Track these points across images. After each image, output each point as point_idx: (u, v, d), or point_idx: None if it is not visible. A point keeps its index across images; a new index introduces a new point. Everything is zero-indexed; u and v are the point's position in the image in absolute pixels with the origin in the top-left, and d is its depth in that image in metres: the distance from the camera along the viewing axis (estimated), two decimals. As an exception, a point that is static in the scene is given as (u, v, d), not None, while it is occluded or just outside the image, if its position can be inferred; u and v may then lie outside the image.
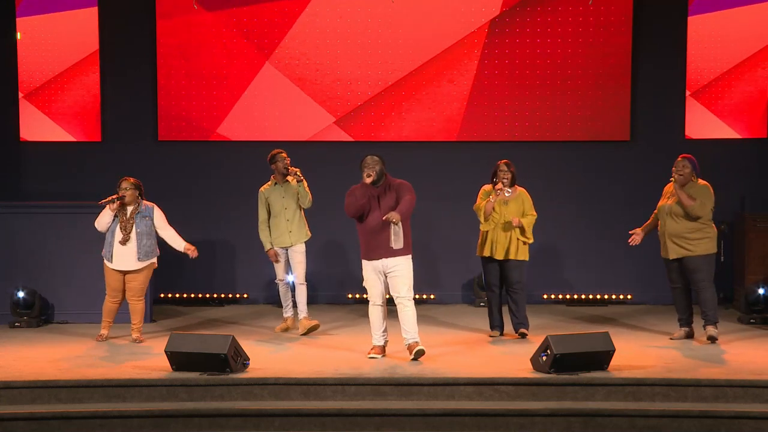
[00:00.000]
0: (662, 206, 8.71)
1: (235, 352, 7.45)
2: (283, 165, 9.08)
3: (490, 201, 8.67)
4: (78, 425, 6.99)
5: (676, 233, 8.55)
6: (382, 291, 8.00)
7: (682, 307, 8.80)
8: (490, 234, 8.76)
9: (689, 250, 8.53)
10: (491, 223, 8.73)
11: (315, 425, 7.01)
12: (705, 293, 8.59)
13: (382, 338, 8.06)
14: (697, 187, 8.57)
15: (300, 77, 11.03)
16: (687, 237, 8.52)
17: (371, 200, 7.88)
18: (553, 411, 7.01)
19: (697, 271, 8.55)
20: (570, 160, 11.06)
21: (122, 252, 8.72)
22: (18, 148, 11.23)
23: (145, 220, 8.77)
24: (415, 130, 11.08)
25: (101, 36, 11.05)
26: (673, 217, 8.56)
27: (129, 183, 8.77)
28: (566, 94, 10.99)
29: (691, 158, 8.64)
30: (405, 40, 10.98)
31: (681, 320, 8.85)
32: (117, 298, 8.88)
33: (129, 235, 8.70)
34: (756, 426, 6.89)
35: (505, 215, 8.72)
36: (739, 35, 10.90)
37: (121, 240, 8.69)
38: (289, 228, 9.12)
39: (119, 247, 8.71)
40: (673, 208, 8.57)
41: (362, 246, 8.00)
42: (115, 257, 8.73)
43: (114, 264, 8.75)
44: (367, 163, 7.89)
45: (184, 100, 11.07)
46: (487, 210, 8.69)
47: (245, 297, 11.23)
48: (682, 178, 8.55)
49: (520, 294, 8.83)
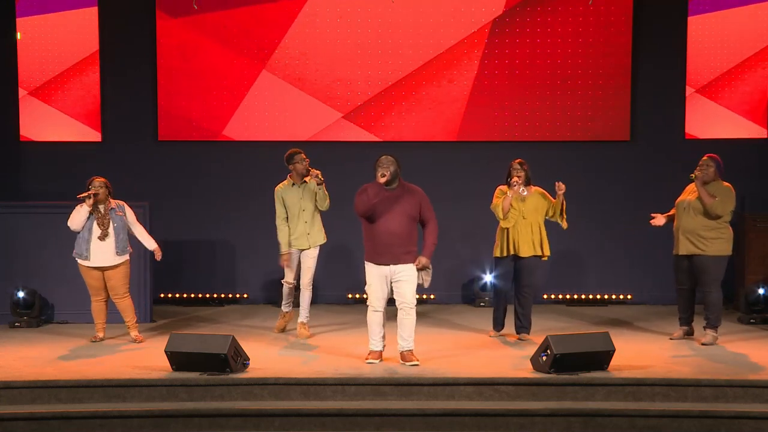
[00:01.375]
0: (681, 201, 8.63)
1: (235, 352, 7.45)
2: (303, 166, 8.88)
3: (508, 197, 8.66)
4: (78, 425, 6.99)
5: (691, 229, 8.47)
6: (384, 297, 7.81)
7: (684, 307, 8.77)
8: (511, 232, 8.74)
9: (701, 249, 8.45)
10: (510, 220, 8.72)
11: (315, 425, 7.01)
12: (711, 296, 8.52)
13: (380, 343, 7.90)
14: (719, 186, 8.50)
15: (300, 77, 11.03)
16: (701, 235, 8.44)
17: (384, 203, 7.66)
18: (553, 411, 7.01)
19: (706, 273, 8.48)
20: (570, 160, 11.06)
21: (100, 248, 8.72)
22: (18, 148, 11.23)
23: (119, 216, 8.81)
24: (415, 130, 11.08)
25: (101, 36, 11.05)
26: (691, 212, 8.48)
27: (100, 182, 8.79)
28: (566, 94, 10.99)
29: (716, 158, 8.56)
30: (405, 40, 10.98)
31: (681, 319, 8.83)
32: (100, 297, 8.87)
33: (107, 230, 8.72)
34: (756, 426, 6.89)
35: (524, 211, 8.71)
36: (739, 35, 10.90)
37: (100, 236, 8.71)
38: (307, 230, 8.96)
39: (97, 243, 8.71)
40: (692, 204, 8.48)
41: (369, 248, 7.77)
42: (93, 254, 8.73)
43: (92, 261, 8.74)
44: (381, 163, 7.67)
45: (184, 100, 11.07)
46: (505, 206, 8.67)
47: (245, 297, 11.23)
48: (704, 176, 8.49)
49: (528, 297, 8.82)
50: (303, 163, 8.91)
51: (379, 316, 7.83)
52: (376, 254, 7.72)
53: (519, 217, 8.70)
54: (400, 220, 7.66)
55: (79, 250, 8.77)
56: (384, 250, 7.67)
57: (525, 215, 8.70)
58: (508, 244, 8.74)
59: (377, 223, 7.67)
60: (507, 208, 8.68)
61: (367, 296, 7.96)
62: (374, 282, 7.77)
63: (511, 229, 8.72)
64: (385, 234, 7.65)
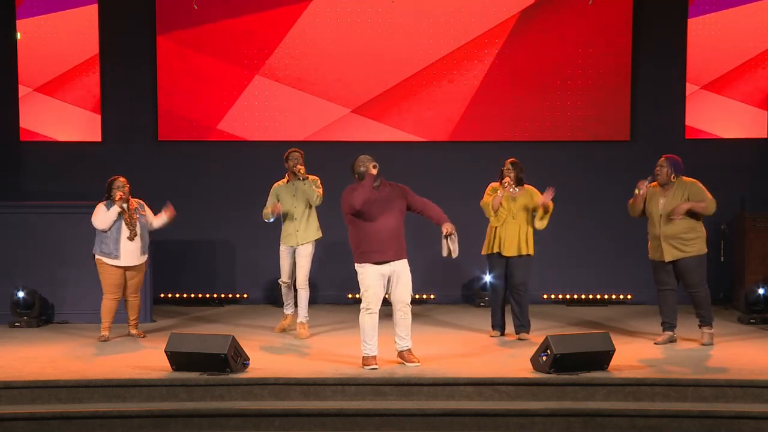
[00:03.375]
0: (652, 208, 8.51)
1: (235, 352, 7.44)
2: (293, 164, 8.98)
3: (498, 196, 8.69)
4: (78, 425, 6.98)
5: (673, 234, 8.42)
6: (381, 298, 7.70)
7: (669, 310, 8.62)
8: (499, 230, 8.75)
9: (683, 251, 8.42)
10: (500, 218, 8.73)
11: (315, 425, 7.01)
12: (699, 294, 8.50)
13: (376, 348, 7.66)
14: (688, 186, 8.43)
15: (300, 77, 11.04)
16: (682, 237, 8.41)
17: (377, 201, 7.62)
18: (553, 411, 7.01)
19: (691, 273, 8.45)
20: (570, 160, 11.06)
21: (129, 247, 8.81)
22: (18, 148, 11.24)
23: (142, 216, 8.89)
24: (415, 130, 11.08)
25: (101, 36, 11.05)
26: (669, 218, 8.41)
27: (124, 181, 8.83)
28: (566, 94, 11.00)
29: (671, 158, 8.51)
30: (405, 40, 10.98)
31: (665, 324, 8.66)
32: (117, 295, 8.90)
33: (135, 230, 8.80)
34: (756, 426, 6.89)
35: (514, 211, 8.72)
36: (739, 35, 10.90)
37: (129, 236, 8.78)
38: (296, 227, 9.00)
39: (127, 243, 8.79)
40: (667, 208, 8.40)
41: (364, 249, 7.65)
42: (123, 253, 8.79)
43: (122, 260, 8.80)
44: (366, 158, 7.65)
45: (184, 100, 11.07)
46: (494, 204, 8.70)
47: (245, 297, 11.23)
48: (660, 179, 8.45)
49: (523, 296, 8.83)
50: (294, 161, 8.98)
51: (375, 319, 7.67)
52: (374, 253, 7.63)
53: (508, 216, 8.71)
54: (396, 216, 7.68)
55: (107, 250, 8.79)
56: (384, 247, 7.62)
57: (514, 215, 8.71)
58: (493, 242, 8.77)
59: (374, 222, 7.62)
60: (497, 207, 8.72)
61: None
62: (374, 283, 7.65)
63: (500, 227, 8.74)
64: (384, 231, 7.62)
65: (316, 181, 9.04)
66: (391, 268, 7.68)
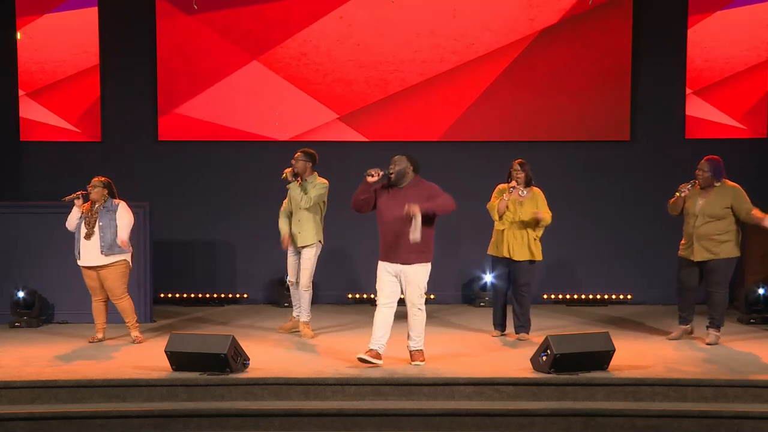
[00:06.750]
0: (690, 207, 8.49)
1: (235, 352, 7.45)
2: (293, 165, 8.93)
3: (504, 199, 8.66)
4: (78, 425, 6.99)
5: (706, 235, 8.42)
6: (391, 294, 7.68)
7: (686, 306, 8.70)
8: (506, 233, 8.74)
9: (713, 252, 8.42)
10: (505, 222, 8.71)
11: (315, 425, 7.01)
12: (717, 296, 8.50)
13: (378, 343, 7.62)
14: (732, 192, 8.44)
15: (300, 77, 11.03)
16: (714, 239, 8.41)
17: (390, 202, 7.64)
18: (553, 411, 7.01)
19: (716, 274, 8.45)
20: (570, 160, 11.06)
21: (87, 247, 8.70)
22: (18, 148, 11.23)
23: (108, 215, 8.73)
24: (415, 130, 11.08)
25: (101, 36, 11.05)
26: (704, 218, 8.40)
27: (98, 181, 8.80)
28: (566, 94, 10.99)
29: (712, 160, 8.52)
30: (405, 40, 10.98)
31: (682, 318, 8.76)
32: (99, 297, 8.86)
33: (92, 229, 8.69)
34: (756, 426, 6.89)
35: (520, 215, 8.70)
36: (739, 35, 10.90)
37: (86, 234, 8.70)
38: (298, 229, 8.96)
39: (84, 242, 8.71)
40: (705, 210, 8.40)
41: (380, 245, 7.73)
42: (82, 253, 8.74)
43: (82, 260, 8.75)
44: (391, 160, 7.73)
45: (184, 100, 11.07)
46: (500, 208, 8.68)
47: (245, 297, 11.22)
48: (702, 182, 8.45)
49: (525, 297, 8.82)
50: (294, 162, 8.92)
51: (383, 314, 7.66)
52: (383, 252, 7.72)
53: (514, 220, 8.69)
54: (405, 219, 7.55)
55: (75, 251, 8.78)
56: (389, 249, 7.66)
57: (521, 219, 8.69)
58: (502, 247, 8.74)
59: (384, 223, 7.68)
60: (502, 210, 8.68)
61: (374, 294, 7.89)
62: (382, 278, 7.72)
63: (507, 231, 8.71)
64: (390, 233, 7.65)
65: (320, 185, 8.94)
66: (398, 268, 7.69)
